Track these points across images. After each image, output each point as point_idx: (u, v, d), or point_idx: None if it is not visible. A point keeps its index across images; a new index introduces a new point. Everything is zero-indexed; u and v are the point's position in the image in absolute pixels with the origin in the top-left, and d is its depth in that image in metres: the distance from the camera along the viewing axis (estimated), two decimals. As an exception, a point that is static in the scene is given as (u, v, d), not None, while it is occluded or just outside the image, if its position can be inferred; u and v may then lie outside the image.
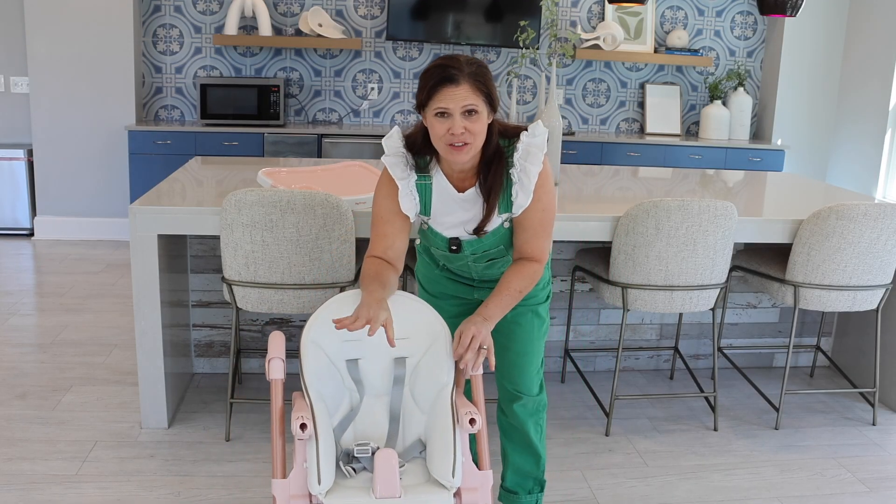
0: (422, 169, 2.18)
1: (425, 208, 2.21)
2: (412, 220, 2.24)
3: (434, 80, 2.01)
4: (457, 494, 1.93)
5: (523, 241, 2.19)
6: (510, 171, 2.14)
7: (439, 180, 2.18)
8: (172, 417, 3.18)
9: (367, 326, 1.96)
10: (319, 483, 1.84)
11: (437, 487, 1.91)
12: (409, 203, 2.19)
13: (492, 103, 2.06)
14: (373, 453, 1.95)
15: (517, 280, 2.16)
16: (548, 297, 2.41)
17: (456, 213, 2.19)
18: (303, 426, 1.86)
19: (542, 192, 2.14)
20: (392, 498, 1.84)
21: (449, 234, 2.23)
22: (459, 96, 2.00)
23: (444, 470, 1.90)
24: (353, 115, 6.16)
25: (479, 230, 2.18)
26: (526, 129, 2.15)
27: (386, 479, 1.84)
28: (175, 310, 3.25)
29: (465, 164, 2.11)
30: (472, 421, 1.93)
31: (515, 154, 2.13)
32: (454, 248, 2.24)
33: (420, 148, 2.16)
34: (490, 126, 2.09)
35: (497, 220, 2.19)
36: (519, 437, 2.45)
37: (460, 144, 2.03)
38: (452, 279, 2.40)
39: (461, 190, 2.17)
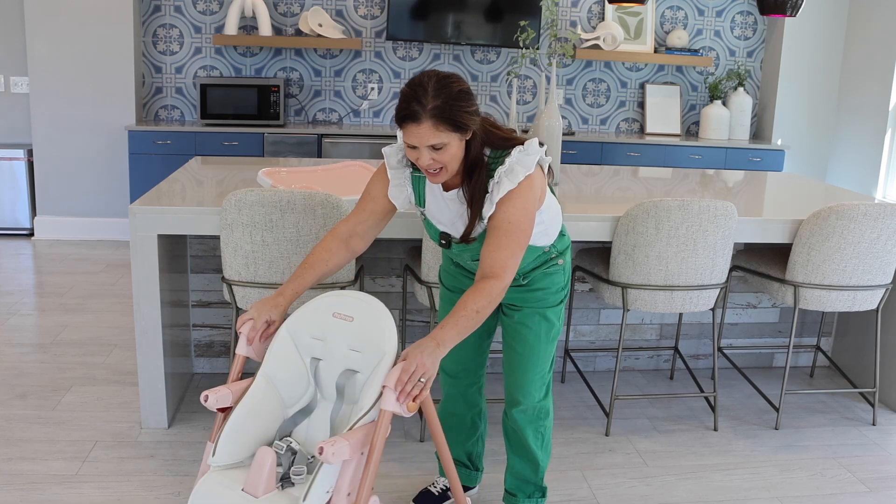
0: (415, 167, 2.21)
1: (419, 199, 2.23)
2: (400, 209, 2.27)
3: (399, 115, 1.99)
4: None
5: (485, 252, 2.07)
6: (490, 182, 2.10)
7: None
8: (172, 417, 3.18)
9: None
10: (213, 454, 1.92)
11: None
12: (397, 192, 2.22)
13: (463, 129, 2.01)
14: (287, 451, 1.98)
15: (473, 300, 2.00)
16: (560, 301, 2.36)
17: (443, 210, 2.21)
18: (205, 398, 1.97)
19: (509, 204, 2.06)
20: (252, 497, 1.87)
21: (440, 228, 2.25)
22: (422, 135, 1.97)
23: (300, 491, 1.91)
24: (353, 115, 6.16)
25: (465, 238, 2.18)
26: (522, 145, 2.10)
27: (254, 476, 1.88)
28: (175, 310, 3.25)
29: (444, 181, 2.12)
30: (320, 450, 1.80)
31: (501, 167, 2.07)
32: (444, 242, 2.26)
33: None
34: (470, 140, 2.06)
35: (479, 227, 2.18)
36: (518, 442, 2.45)
37: (434, 171, 2.05)
38: (465, 275, 2.40)
39: (446, 189, 2.19)
